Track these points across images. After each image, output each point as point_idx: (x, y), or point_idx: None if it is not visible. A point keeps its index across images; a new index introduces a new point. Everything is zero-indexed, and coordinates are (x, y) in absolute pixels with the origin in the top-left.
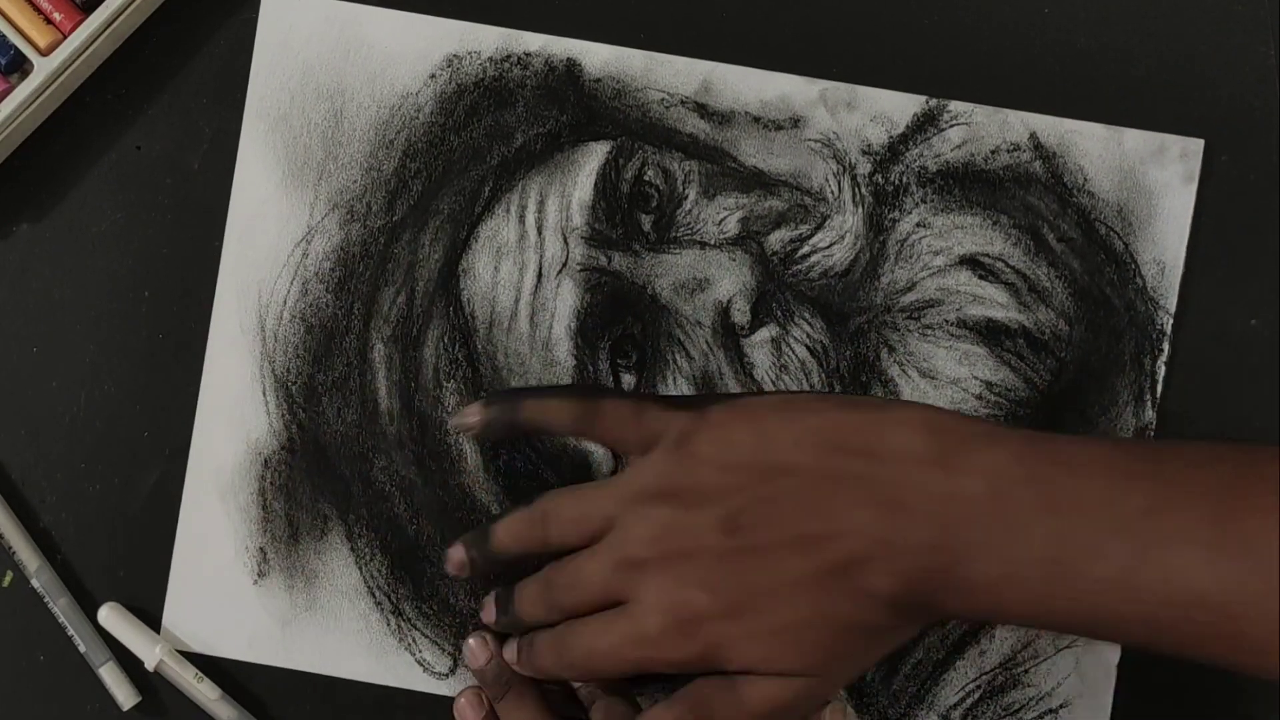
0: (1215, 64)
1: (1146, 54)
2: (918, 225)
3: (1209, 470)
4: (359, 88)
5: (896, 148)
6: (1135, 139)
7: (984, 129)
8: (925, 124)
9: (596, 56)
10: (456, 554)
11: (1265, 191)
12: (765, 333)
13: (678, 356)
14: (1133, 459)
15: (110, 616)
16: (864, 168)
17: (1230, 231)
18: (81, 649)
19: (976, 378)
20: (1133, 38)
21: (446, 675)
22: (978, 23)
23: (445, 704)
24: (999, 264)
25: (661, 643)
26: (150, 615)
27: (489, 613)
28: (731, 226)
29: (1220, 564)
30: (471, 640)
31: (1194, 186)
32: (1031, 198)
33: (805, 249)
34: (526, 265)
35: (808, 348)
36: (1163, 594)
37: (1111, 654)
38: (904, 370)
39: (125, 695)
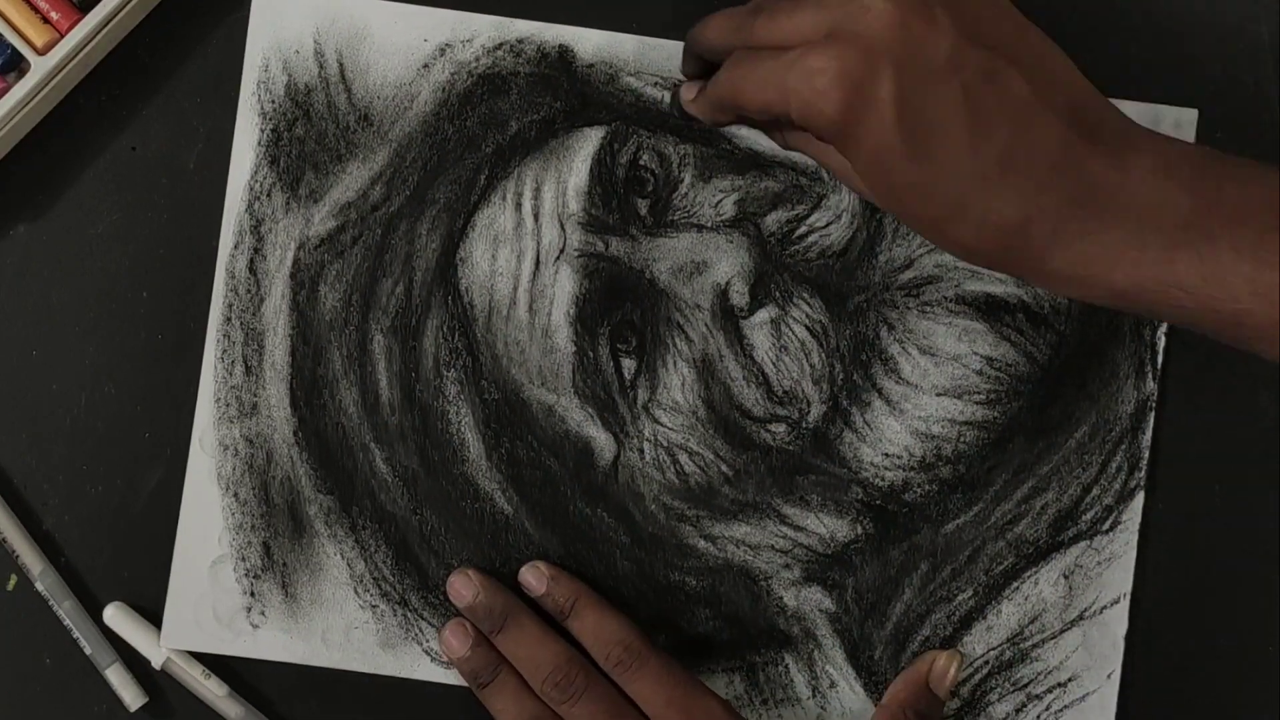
0: (1209, 39)
1: (1140, 29)
2: None
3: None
4: (352, 81)
5: None
6: (1129, 110)
7: None
8: None
9: (588, 42)
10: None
11: None
12: (764, 314)
13: (677, 340)
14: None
15: (116, 616)
16: None
17: None
18: (87, 651)
19: (977, 353)
20: (1126, 12)
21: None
22: None
23: (454, 693)
24: None
25: (816, 92)
26: (155, 615)
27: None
28: (728, 208)
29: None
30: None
31: None
32: None
33: (802, 229)
34: (524, 253)
35: (807, 328)
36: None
37: (1119, 627)
38: (904, 348)
39: (132, 696)
